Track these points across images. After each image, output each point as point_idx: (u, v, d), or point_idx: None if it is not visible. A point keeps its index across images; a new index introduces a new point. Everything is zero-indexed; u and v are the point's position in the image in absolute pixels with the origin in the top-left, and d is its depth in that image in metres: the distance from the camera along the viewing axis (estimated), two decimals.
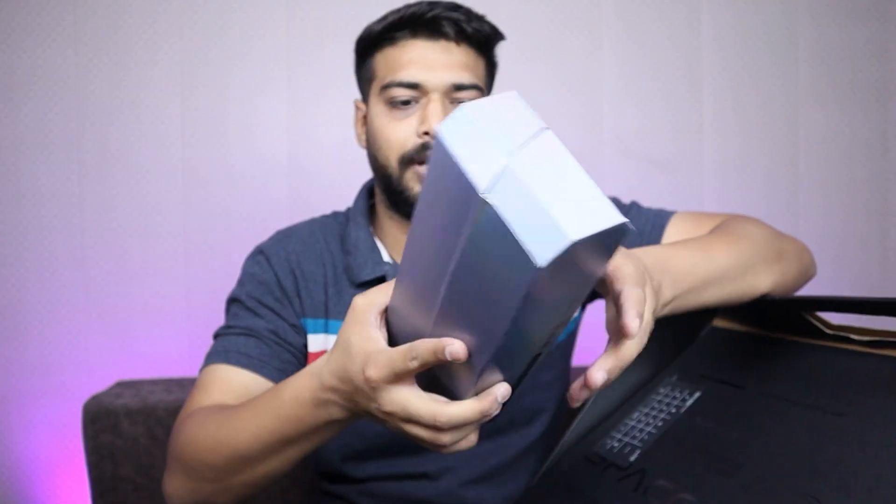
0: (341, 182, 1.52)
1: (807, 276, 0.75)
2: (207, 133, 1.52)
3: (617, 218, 0.32)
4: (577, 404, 0.46)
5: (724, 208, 1.64)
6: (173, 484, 0.68)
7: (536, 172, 0.33)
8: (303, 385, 0.54)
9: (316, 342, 0.83)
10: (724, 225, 0.73)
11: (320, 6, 1.54)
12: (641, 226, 0.84)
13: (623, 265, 0.46)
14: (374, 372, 0.45)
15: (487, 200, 0.32)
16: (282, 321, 0.82)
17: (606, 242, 0.34)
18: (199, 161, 1.52)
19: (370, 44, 0.81)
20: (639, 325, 0.43)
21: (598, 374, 0.43)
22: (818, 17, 1.65)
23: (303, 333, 0.83)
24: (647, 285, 0.47)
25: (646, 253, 0.55)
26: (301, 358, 0.83)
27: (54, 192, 1.49)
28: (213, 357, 0.78)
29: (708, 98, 1.64)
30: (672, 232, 0.82)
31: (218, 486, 0.64)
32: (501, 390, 0.43)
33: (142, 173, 1.51)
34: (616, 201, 0.89)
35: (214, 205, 1.53)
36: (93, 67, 1.49)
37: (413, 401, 0.45)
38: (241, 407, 0.63)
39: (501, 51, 0.87)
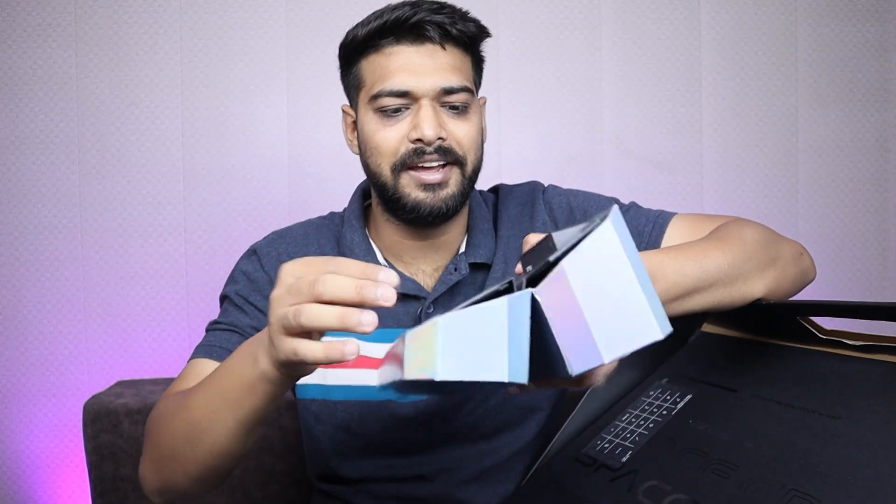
0: (341, 182, 1.52)
1: (804, 279, 0.75)
2: (207, 133, 1.52)
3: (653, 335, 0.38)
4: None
5: (724, 208, 1.64)
6: (142, 466, 0.70)
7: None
8: (243, 345, 0.60)
9: None
10: (721, 229, 0.72)
11: (320, 6, 1.54)
12: (641, 227, 0.83)
13: None
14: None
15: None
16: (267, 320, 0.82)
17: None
18: (199, 161, 1.52)
19: (354, 50, 0.80)
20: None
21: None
22: (818, 18, 1.65)
23: None
24: None
25: None
26: None
27: (54, 192, 1.49)
28: (198, 351, 0.80)
29: (708, 98, 1.64)
30: (672, 234, 0.82)
31: (175, 465, 0.65)
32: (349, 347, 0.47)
33: (142, 173, 1.51)
34: (615, 202, 0.89)
35: (214, 205, 1.53)
36: (93, 67, 1.49)
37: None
38: (199, 384, 0.66)
39: (502, 51, 0.87)
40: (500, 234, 0.87)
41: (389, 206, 0.81)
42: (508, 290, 0.45)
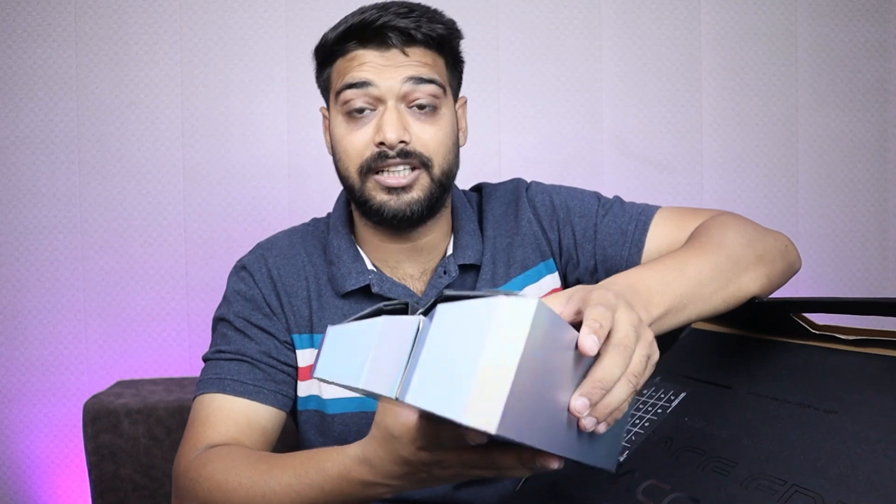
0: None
1: (791, 271, 0.74)
2: (207, 133, 1.52)
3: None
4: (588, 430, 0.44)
5: (724, 208, 1.62)
6: None
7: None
8: (352, 468, 0.54)
9: (304, 357, 0.82)
10: (702, 230, 0.71)
11: (320, 6, 1.54)
12: (624, 226, 0.82)
13: (588, 297, 0.46)
14: (425, 442, 0.47)
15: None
16: (272, 339, 0.80)
17: None
18: (199, 161, 1.52)
19: (326, 53, 0.80)
20: (595, 342, 0.41)
21: (578, 402, 0.41)
22: (818, 17, 1.65)
23: (293, 349, 0.82)
24: (619, 307, 0.46)
25: (611, 282, 0.55)
26: (295, 374, 0.82)
27: (54, 192, 1.49)
28: (207, 386, 0.76)
29: (708, 98, 1.64)
30: (655, 233, 0.81)
31: None
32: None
33: (142, 173, 1.51)
34: (597, 197, 0.87)
35: (214, 205, 1.53)
36: (93, 67, 1.49)
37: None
38: (280, 467, 0.62)
39: (502, 51, 0.87)
40: (487, 234, 0.85)
41: (359, 208, 0.81)
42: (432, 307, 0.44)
